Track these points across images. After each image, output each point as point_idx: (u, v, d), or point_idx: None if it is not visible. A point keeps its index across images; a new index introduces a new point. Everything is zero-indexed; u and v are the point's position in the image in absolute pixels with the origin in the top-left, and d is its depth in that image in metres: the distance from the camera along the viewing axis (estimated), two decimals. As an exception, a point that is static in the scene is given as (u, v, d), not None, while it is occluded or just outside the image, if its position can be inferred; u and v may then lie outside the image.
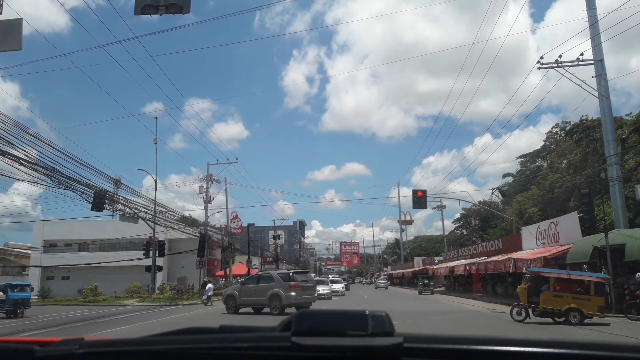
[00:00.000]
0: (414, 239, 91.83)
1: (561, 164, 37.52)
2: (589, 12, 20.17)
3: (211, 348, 0.96)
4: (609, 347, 0.90)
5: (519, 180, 47.58)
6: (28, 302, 25.95)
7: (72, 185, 19.06)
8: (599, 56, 20.25)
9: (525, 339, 0.93)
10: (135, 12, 8.75)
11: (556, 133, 44.45)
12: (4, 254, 56.35)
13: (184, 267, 44.57)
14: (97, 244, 46.24)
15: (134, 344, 1.03)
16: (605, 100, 20.20)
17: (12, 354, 1.06)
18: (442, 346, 0.94)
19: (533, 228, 26.56)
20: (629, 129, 26.51)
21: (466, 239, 58.08)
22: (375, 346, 0.85)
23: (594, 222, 18.55)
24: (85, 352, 0.98)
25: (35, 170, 16.90)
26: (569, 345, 0.92)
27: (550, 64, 20.73)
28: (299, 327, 0.88)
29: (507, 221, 38.20)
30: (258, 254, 59.34)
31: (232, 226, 46.43)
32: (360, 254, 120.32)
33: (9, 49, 10.71)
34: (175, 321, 19.05)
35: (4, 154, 15.12)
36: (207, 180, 40.38)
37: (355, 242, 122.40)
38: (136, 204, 26.90)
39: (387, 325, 0.88)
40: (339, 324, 0.89)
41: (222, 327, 1.11)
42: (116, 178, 24.25)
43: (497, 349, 0.90)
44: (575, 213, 22.20)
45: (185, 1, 8.69)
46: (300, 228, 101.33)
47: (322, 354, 0.87)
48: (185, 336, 1.04)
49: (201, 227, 37.23)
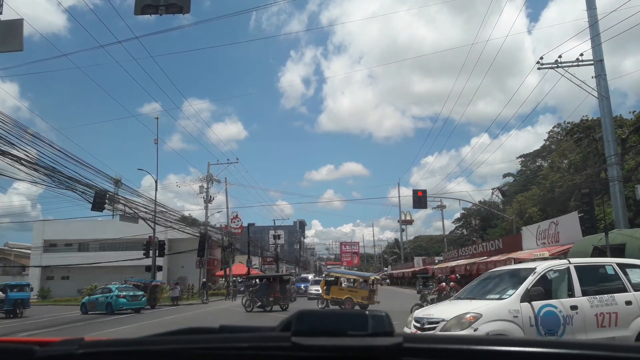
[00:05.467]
0: (414, 239, 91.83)
1: (562, 164, 37.54)
2: (589, 12, 20.15)
3: (211, 348, 0.96)
4: (609, 347, 0.90)
5: (519, 180, 47.58)
6: (28, 302, 25.95)
7: (72, 185, 19.06)
8: (599, 56, 20.22)
9: (525, 339, 0.93)
10: (135, 12, 8.74)
11: (557, 133, 44.47)
12: (4, 253, 56.35)
13: (184, 267, 44.62)
14: (97, 244, 46.24)
15: (134, 344, 1.03)
16: (605, 100, 20.18)
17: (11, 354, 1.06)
18: (442, 346, 0.94)
19: (533, 228, 26.56)
20: (629, 129, 26.51)
21: (466, 239, 58.09)
22: (375, 346, 0.85)
23: (594, 222, 18.51)
24: (85, 352, 0.98)
25: (35, 170, 16.90)
26: (569, 345, 0.92)
27: (550, 64, 20.71)
28: (299, 327, 0.88)
29: (508, 221, 38.21)
30: (258, 254, 59.33)
31: (232, 226, 46.40)
32: (361, 253, 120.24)
33: (10, 50, 10.69)
34: (175, 321, 19.05)
35: (4, 154, 15.12)
36: (207, 180, 40.38)
37: (355, 242, 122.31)
38: (136, 204, 26.91)
39: (387, 325, 0.88)
40: (339, 324, 0.89)
41: (222, 327, 1.11)
42: (116, 178, 24.24)
43: (497, 349, 0.90)
44: (575, 213, 22.20)
45: (185, 1, 8.69)
46: (300, 228, 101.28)
47: (322, 354, 0.87)
48: (185, 336, 1.04)
49: (201, 227, 37.22)
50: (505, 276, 8.00)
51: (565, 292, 7.06)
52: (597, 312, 6.77)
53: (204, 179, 40.50)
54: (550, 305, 6.72)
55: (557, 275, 7.27)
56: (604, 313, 6.78)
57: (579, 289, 6.94)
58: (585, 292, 6.95)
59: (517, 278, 7.32)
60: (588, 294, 6.93)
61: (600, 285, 7.33)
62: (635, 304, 6.93)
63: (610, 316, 6.79)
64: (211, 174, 40.72)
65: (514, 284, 7.22)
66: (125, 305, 24.95)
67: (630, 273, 7.39)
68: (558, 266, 7.34)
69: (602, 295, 6.95)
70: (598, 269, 7.78)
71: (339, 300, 21.83)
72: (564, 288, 7.12)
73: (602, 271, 7.65)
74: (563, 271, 7.21)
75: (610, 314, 6.79)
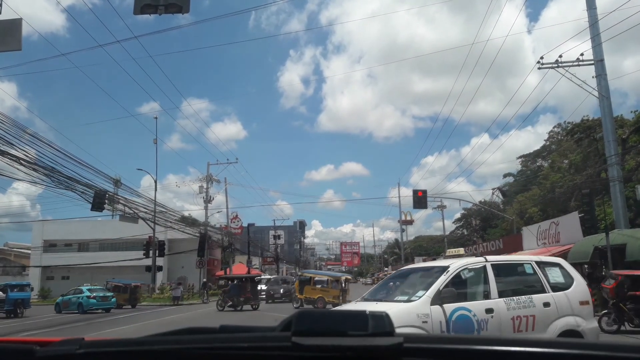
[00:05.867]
0: (415, 239, 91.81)
1: (562, 164, 37.55)
2: (589, 12, 20.15)
3: (211, 348, 0.96)
4: (609, 347, 0.90)
5: (520, 180, 47.58)
6: (28, 302, 26.01)
7: (72, 185, 19.06)
8: (599, 56, 20.22)
9: (525, 339, 0.93)
10: (135, 12, 8.74)
11: (558, 133, 44.47)
12: (4, 254, 56.37)
13: (184, 267, 44.61)
14: (97, 244, 46.25)
15: (134, 344, 1.03)
16: (605, 100, 20.18)
17: (12, 354, 1.06)
18: (442, 346, 0.94)
19: (534, 228, 26.57)
20: (630, 129, 26.51)
21: (467, 239, 58.09)
22: (376, 346, 0.85)
23: (594, 222, 18.51)
24: (85, 352, 0.98)
25: (34, 170, 16.90)
26: (569, 345, 0.92)
27: (551, 64, 20.71)
28: (299, 327, 0.88)
29: (508, 221, 38.21)
30: (258, 254, 59.32)
31: (232, 226, 46.40)
32: (361, 254, 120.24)
33: (9, 49, 10.70)
34: (175, 321, 19.06)
35: (4, 153, 15.12)
36: (207, 180, 40.41)
37: (355, 242, 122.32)
38: (136, 204, 26.92)
39: (387, 325, 0.88)
40: (339, 323, 0.89)
41: (222, 327, 1.11)
42: (116, 178, 24.27)
43: (497, 349, 0.90)
44: (576, 213, 22.19)
45: (184, 1, 8.69)
46: (300, 228, 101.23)
47: (323, 353, 0.87)
48: (185, 336, 1.04)
49: (201, 227, 37.23)
50: (416, 275, 7.32)
51: (480, 293, 6.54)
52: (513, 315, 6.26)
53: (204, 179, 40.54)
54: (463, 309, 6.15)
55: (472, 274, 6.69)
56: (520, 316, 6.29)
57: (496, 290, 6.39)
58: (502, 293, 6.41)
59: (429, 277, 6.62)
60: (505, 295, 6.40)
61: (518, 286, 6.89)
62: (553, 305, 6.49)
63: (527, 319, 6.32)
64: (211, 174, 40.78)
65: (424, 284, 6.51)
66: (95, 305, 26.42)
67: (549, 272, 6.98)
68: (473, 264, 6.72)
69: (520, 297, 6.45)
70: (516, 267, 7.32)
71: (311, 299, 22.57)
72: (479, 289, 6.60)
73: (521, 270, 7.18)
74: (479, 270, 6.63)
75: (527, 317, 6.32)
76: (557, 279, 6.99)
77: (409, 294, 6.52)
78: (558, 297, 6.61)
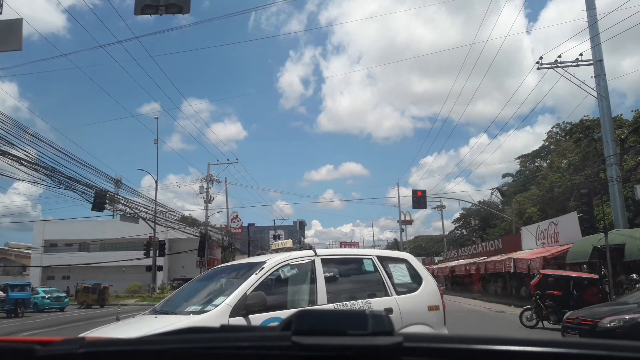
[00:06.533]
0: (414, 239, 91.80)
1: (561, 164, 37.56)
2: (588, 12, 20.16)
3: (211, 348, 0.96)
4: (609, 347, 0.90)
5: (519, 180, 47.59)
6: (28, 301, 26.05)
7: (72, 185, 19.05)
8: (598, 56, 20.24)
9: (525, 339, 0.93)
10: (135, 12, 8.74)
11: (556, 133, 44.47)
12: (4, 253, 56.38)
13: (184, 266, 44.62)
14: (98, 244, 46.29)
15: (135, 344, 1.03)
16: (604, 100, 20.20)
17: (12, 353, 1.06)
18: (442, 345, 0.94)
19: (533, 228, 26.58)
20: (628, 130, 26.52)
21: (466, 239, 58.12)
22: (376, 345, 0.85)
23: (593, 222, 18.52)
24: (86, 352, 0.98)
25: (35, 170, 16.89)
26: (569, 345, 0.92)
27: (550, 64, 20.72)
28: (300, 326, 0.88)
29: (507, 221, 38.22)
30: (258, 254, 59.25)
31: (232, 226, 46.38)
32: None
33: (9, 49, 10.71)
34: (175, 321, 19.04)
35: (4, 153, 15.12)
36: (207, 180, 40.40)
37: (355, 242, 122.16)
38: (136, 204, 26.92)
39: (387, 324, 0.88)
40: (339, 323, 0.89)
41: (222, 326, 1.11)
42: (116, 178, 24.25)
43: (497, 349, 0.90)
44: (574, 213, 22.21)
45: (185, 1, 8.69)
46: (300, 228, 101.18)
47: (323, 353, 0.87)
48: (185, 336, 1.04)
49: (201, 227, 37.22)
50: (226, 275, 5.72)
51: (305, 298, 5.23)
52: None
53: (204, 179, 40.52)
54: (278, 320, 4.11)
55: (295, 272, 5.27)
56: None
57: (325, 294, 5.10)
58: (333, 298, 5.15)
59: (238, 278, 5.15)
60: (336, 300, 5.14)
61: (354, 287, 5.77)
62: (397, 312, 5.31)
63: None
64: (211, 174, 40.75)
65: (230, 286, 5.04)
66: (49, 305, 28.86)
67: (393, 270, 5.89)
68: (298, 260, 5.29)
69: (356, 301, 5.26)
70: (353, 264, 6.00)
71: None
72: (304, 292, 5.30)
73: (359, 267, 5.89)
74: (305, 267, 5.27)
75: None
76: (403, 278, 5.97)
77: (206, 302, 5.05)
78: (403, 301, 5.54)
